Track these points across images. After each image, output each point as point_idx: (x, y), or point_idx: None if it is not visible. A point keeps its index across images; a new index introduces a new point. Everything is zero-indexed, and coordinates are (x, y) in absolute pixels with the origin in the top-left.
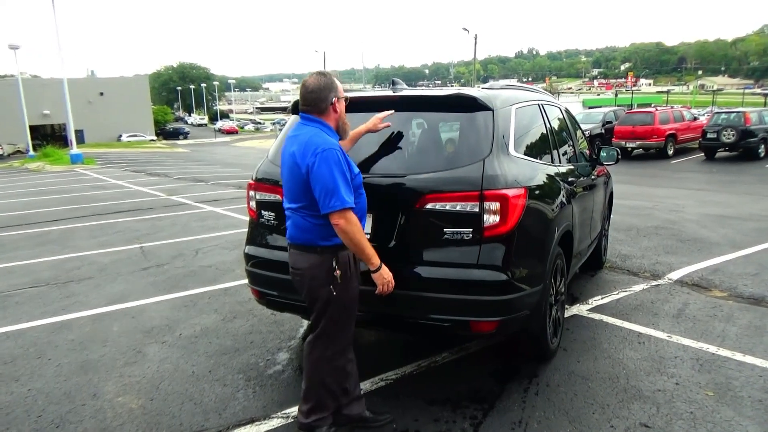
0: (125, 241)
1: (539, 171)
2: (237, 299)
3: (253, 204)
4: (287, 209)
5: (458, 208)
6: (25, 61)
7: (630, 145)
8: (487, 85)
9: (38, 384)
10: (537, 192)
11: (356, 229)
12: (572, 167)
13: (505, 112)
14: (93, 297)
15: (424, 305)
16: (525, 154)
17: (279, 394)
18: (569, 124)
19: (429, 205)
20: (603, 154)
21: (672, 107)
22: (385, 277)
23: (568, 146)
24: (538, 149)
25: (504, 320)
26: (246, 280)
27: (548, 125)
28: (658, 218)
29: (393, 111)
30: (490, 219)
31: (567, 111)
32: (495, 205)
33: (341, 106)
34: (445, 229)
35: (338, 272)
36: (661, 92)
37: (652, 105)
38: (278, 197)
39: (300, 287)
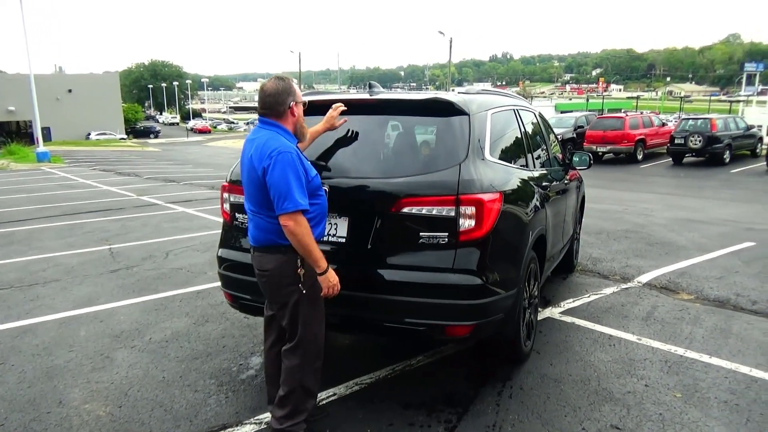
0: (94, 242)
1: (514, 176)
2: (209, 302)
3: (227, 206)
4: (249, 211)
5: (434, 212)
6: None
7: (601, 149)
8: (463, 89)
9: (0, 391)
10: (512, 196)
11: (305, 231)
12: (546, 172)
13: (481, 117)
14: (59, 300)
15: (399, 309)
16: (500, 158)
17: (252, 399)
18: (543, 128)
19: (405, 209)
20: (575, 158)
21: (641, 113)
22: (330, 280)
23: (542, 151)
24: (512, 154)
25: (478, 324)
26: (219, 283)
27: (523, 130)
28: (628, 222)
29: (343, 107)
30: (466, 223)
31: (541, 116)
32: (470, 210)
33: (299, 110)
34: (420, 233)
35: (301, 270)
36: (631, 98)
37: (623, 110)
38: None
39: (267, 289)
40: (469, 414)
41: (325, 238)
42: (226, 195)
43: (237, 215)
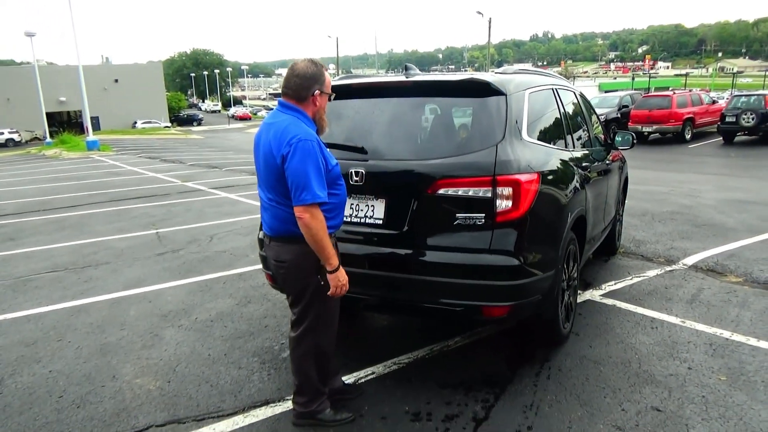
0: (141, 226)
1: (552, 156)
2: (251, 284)
3: None
4: (265, 199)
5: (470, 193)
6: (41, 48)
7: (646, 129)
8: (500, 69)
9: (59, 366)
10: (550, 177)
11: (320, 225)
12: (586, 152)
13: (519, 97)
14: (110, 281)
15: (436, 290)
16: (538, 139)
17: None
18: (584, 108)
19: (441, 191)
20: (618, 138)
21: (690, 91)
22: (340, 279)
23: (583, 131)
24: (551, 134)
25: (516, 305)
26: (260, 265)
27: (562, 110)
28: (674, 203)
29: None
30: (503, 204)
31: (581, 95)
32: (507, 190)
33: (323, 101)
34: (457, 214)
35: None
36: (680, 75)
37: (670, 88)
38: None
39: (285, 280)
40: (507, 394)
41: (362, 220)
42: None
43: None
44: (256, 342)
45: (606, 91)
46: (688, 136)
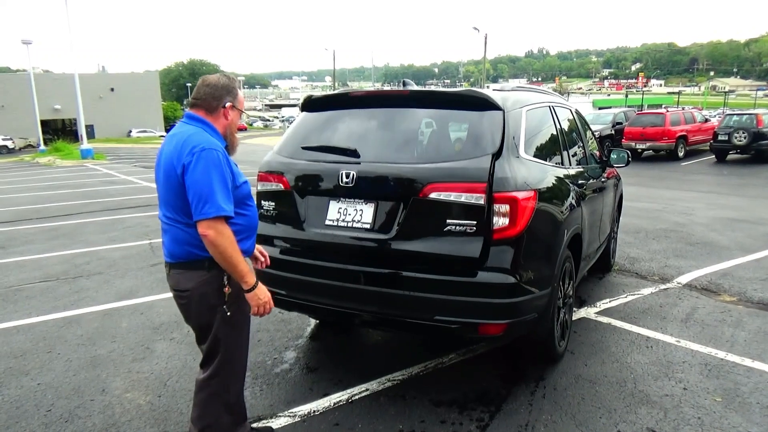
0: (135, 236)
1: (549, 173)
2: None
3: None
4: (164, 219)
5: (463, 199)
6: (37, 57)
7: (640, 146)
8: (497, 86)
9: (48, 378)
10: (547, 194)
11: (228, 242)
12: (582, 169)
13: (516, 114)
14: (102, 292)
15: (430, 306)
16: (535, 156)
17: (286, 392)
18: (579, 125)
19: (433, 194)
20: (613, 156)
21: (683, 108)
22: (261, 297)
23: (578, 148)
24: (548, 151)
25: (512, 323)
26: None
27: (558, 127)
28: (668, 221)
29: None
30: (500, 221)
31: (577, 112)
32: (505, 208)
33: (234, 116)
34: (447, 221)
35: (228, 289)
36: (672, 93)
37: (663, 106)
38: (280, 186)
39: (187, 312)
40: (502, 413)
41: (349, 224)
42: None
43: (263, 203)
44: (248, 356)
45: (600, 108)
46: (681, 154)
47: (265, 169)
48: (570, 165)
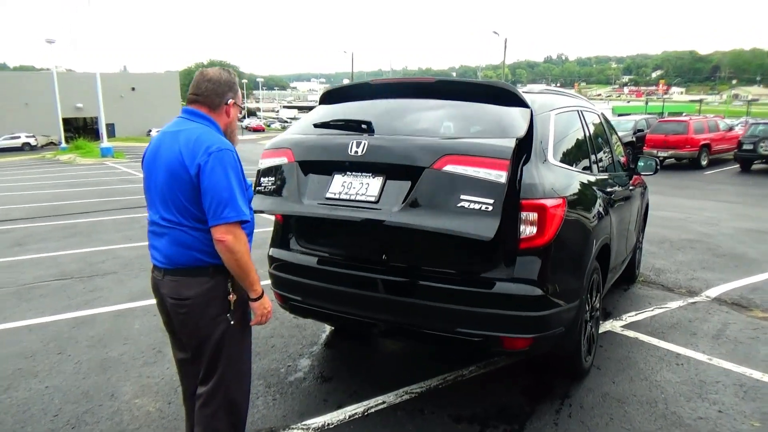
0: None
1: (578, 180)
2: None
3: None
4: (162, 222)
5: (481, 174)
6: (61, 56)
7: (662, 154)
8: (526, 89)
9: (56, 381)
10: (576, 202)
11: (245, 248)
12: (610, 177)
13: (544, 118)
14: (116, 292)
15: (453, 318)
16: (563, 161)
17: (299, 403)
18: (607, 130)
19: (448, 167)
20: (641, 163)
21: (706, 117)
22: (266, 306)
23: (606, 154)
24: (576, 157)
25: (539, 337)
26: (268, 282)
27: (587, 132)
28: (692, 231)
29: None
30: (527, 230)
31: (604, 117)
32: (532, 216)
33: (234, 113)
34: (461, 196)
35: (233, 297)
36: (694, 101)
37: (684, 114)
38: (284, 159)
39: (185, 323)
40: (526, 431)
41: (352, 197)
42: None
43: (262, 179)
44: (261, 363)
45: (620, 115)
46: (704, 162)
47: (270, 146)
48: (598, 171)
